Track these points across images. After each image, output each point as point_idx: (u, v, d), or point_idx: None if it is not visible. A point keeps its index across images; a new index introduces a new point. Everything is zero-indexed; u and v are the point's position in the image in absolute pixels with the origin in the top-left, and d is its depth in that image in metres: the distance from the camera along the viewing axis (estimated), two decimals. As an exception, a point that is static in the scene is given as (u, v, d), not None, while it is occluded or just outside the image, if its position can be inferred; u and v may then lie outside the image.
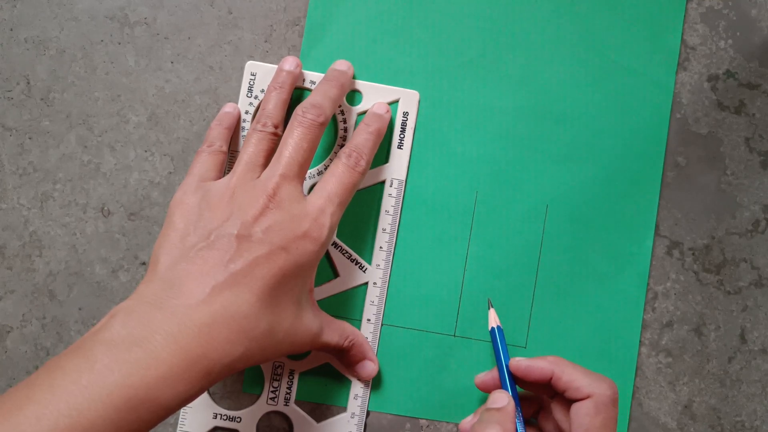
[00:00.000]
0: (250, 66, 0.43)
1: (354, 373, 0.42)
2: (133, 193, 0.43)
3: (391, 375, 0.42)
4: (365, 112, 0.42)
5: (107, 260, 0.43)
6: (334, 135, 0.43)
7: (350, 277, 0.42)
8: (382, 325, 0.42)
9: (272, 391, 0.42)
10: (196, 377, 0.32)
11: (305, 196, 0.37)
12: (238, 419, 0.42)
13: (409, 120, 0.43)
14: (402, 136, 0.43)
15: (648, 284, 0.43)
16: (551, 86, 0.43)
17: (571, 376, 0.36)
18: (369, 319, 0.42)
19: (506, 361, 0.39)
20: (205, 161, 0.39)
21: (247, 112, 0.42)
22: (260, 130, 0.39)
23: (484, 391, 0.41)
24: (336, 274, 0.43)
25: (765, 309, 0.43)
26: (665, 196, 0.43)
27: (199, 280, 0.33)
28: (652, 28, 0.43)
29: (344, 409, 0.42)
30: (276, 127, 0.39)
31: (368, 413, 0.42)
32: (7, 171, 0.43)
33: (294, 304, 0.36)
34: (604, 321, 0.43)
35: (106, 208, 0.43)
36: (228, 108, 0.42)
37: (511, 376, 0.39)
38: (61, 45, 0.43)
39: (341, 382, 0.42)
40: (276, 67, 0.42)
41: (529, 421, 0.40)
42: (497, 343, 0.40)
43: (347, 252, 0.42)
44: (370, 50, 0.43)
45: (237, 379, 0.43)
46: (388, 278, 0.43)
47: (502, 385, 0.39)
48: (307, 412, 0.42)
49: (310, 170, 0.42)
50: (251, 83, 0.43)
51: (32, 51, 0.43)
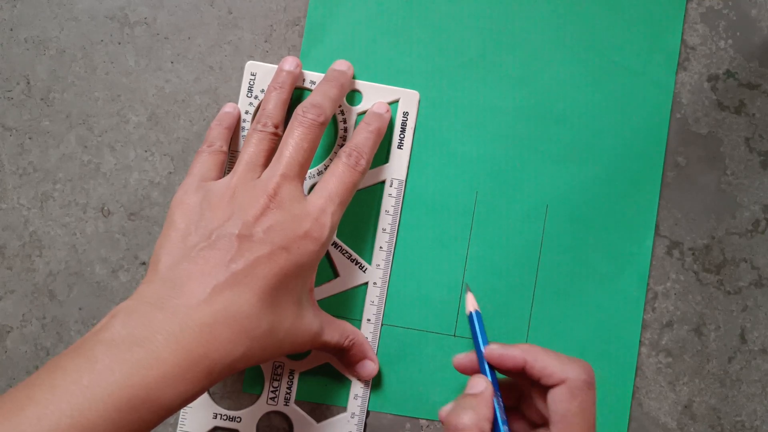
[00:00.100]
0: (250, 66, 0.43)
1: (354, 372, 0.42)
2: (133, 193, 0.43)
3: (391, 375, 0.42)
4: (365, 112, 0.42)
5: (107, 260, 0.43)
6: (334, 135, 0.43)
7: (350, 277, 0.42)
8: (382, 325, 0.42)
9: (272, 391, 0.42)
10: (197, 377, 0.32)
11: (306, 196, 0.37)
12: (238, 419, 0.42)
13: (409, 120, 0.43)
14: (402, 136, 0.43)
15: (648, 284, 0.43)
16: (551, 86, 0.43)
17: (543, 362, 0.35)
18: (369, 319, 0.42)
19: (484, 347, 0.37)
20: (206, 161, 0.39)
21: (247, 112, 0.42)
22: (260, 130, 0.39)
23: (462, 373, 0.39)
24: (336, 274, 0.43)
25: (765, 309, 0.43)
26: (665, 196, 0.43)
27: (200, 280, 0.33)
28: (652, 28, 0.43)
29: (344, 409, 0.42)
30: (276, 127, 0.39)
31: (368, 413, 0.42)
32: (7, 171, 0.43)
33: (295, 303, 0.36)
34: (604, 321, 0.43)
35: (106, 208, 0.43)
36: (228, 108, 0.42)
37: None
38: (61, 45, 0.43)
39: (341, 382, 0.42)
40: (276, 67, 0.42)
41: (513, 408, 0.39)
42: (475, 328, 0.39)
43: (347, 252, 0.42)
44: (370, 50, 0.43)
45: (237, 379, 0.43)
46: (388, 278, 0.43)
47: (481, 371, 0.37)
48: (307, 412, 0.42)
49: (310, 170, 0.42)
50: (251, 83, 0.43)
51: (32, 51, 0.43)
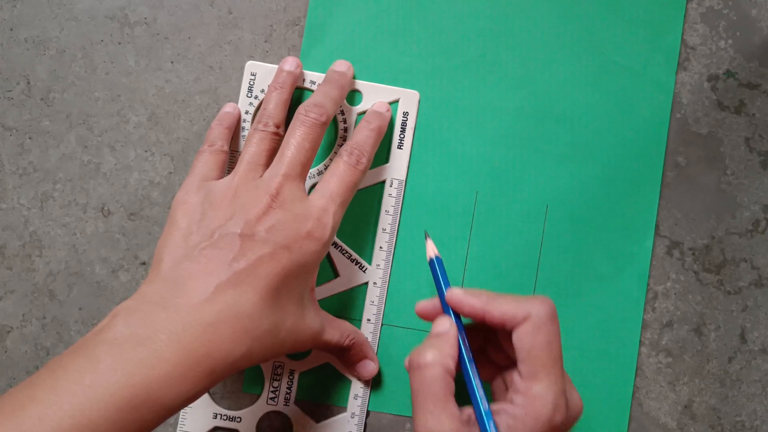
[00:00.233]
0: (250, 66, 0.43)
1: (354, 372, 0.42)
2: (133, 193, 0.43)
3: (391, 375, 0.42)
4: (365, 112, 0.42)
5: (107, 260, 0.43)
6: (334, 135, 0.43)
7: (350, 277, 0.42)
8: (382, 325, 0.42)
9: (272, 391, 0.42)
10: (199, 377, 0.32)
11: (307, 195, 0.37)
12: (238, 419, 0.42)
13: (409, 120, 0.43)
14: (402, 136, 0.43)
15: (648, 284, 0.43)
16: (551, 86, 0.43)
17: (502, 307, 0.34)
18: (369, 319, 0.42)
19: (446, 290, 0.37)
20: (207, 161, 0.39)
21: (247, 112, 0.42)
22: (262, 130, 0.38)
23: (425, 320, 0.38)
24: (336, 274, 0.43)
25: (765, 309, 0.43)
26: (665, 196, 0.43)
27: (202, 279, 0.33)
28: (652, 28, 0.43)
29: (344, 409, 0.42)
30: (278, 126, 0.39)
31: (368, 413, 0.42)
32: (7, 171, 0.43)
33: (296, 303, 0.36)
34: (604, 321, 0.43)
35: (106, 208, 0.43)
36: (228, 108, 0.42)
37: None
38: (61, 45, 0.43)
39: (341, 382, 0.42)
40: (276, 67, 0.42)
41: (479, 352, 0.38)
42: (437, 273, 0.38)
43: (347, 252, 0.42)
44: (370, 50, 0.43)
45: (237, 379, 0.42)
46: (388, 278, 0.43)
47: (445, 314, 0.37)
48: (307, 412, 0.42)
49: (310, 170, 0.42)
50: (251, 83, 0.43)
51: (32, 51, 0.43)
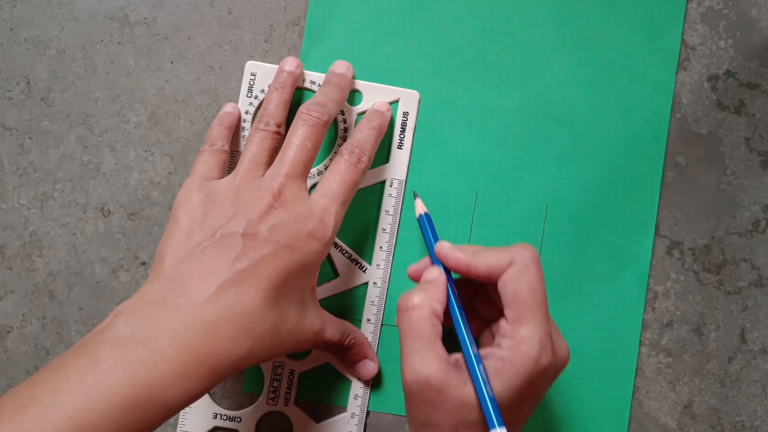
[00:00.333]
0: (250, 66, 0.43)
1: (354, 372, 0.42)
2: (133, 193, 0.43)
3: (391, 375, 0.42)
4: (365, 112, 0.42)
5: (107, 260, 0.43)
6: (333, 135, 0.43)
7: (350, 277, 0.42)
8: (382, 325, 0.42)
9: (272, 391, 0.42)
10: (201, 376, 0.32)
11: (309, 195, 0.37)
12: (238, 419, 0.42)
13: (409, 120, 0.43)
14: (402, 136, 0.43)
15: (648, 284, 0.43)
16: (551, 86, 0.43)
17: (486, 259, 0.35)
18: (369, 319, 0.42)
19: (435, 243, 0.38)
20: (208, 160, 0.39)
21: (247, 113, 0.42)
22: (263, 129, 0.38)
23: (416, 282, 0.38)
24: (336, 274, 0.43)
25: (765, 309, 0.43)
26: (665, 196, 0.43)
27: (204, 279, 0.33)
28: (652, 28, 0.43)
29: (344, 409, 0.42)
30: (279, 126, 0.39)
31: (368, 413, 0.42)
32: (7, 171, 0.43)
33: (298, 302, 0.36)
34: (604, 321, 0.43)
35: (106, 208, 0.43)
36: (228, 108, 0.42)
37: None
38: (61, 45, 0.43)
39: (341, 382, 0.42)
40: (276, 67, 0.42)
41: (468, 306, 0.39)
42: (426, 229, 0.39)
43: (347, 252, 0.42)
44: (370, 50, 0.43)
45: (237, 379, 0.42)
46: (388, 278, 0.43)
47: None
48: (307, 412, 0.42)
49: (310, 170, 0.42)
50: (251, 83, 0.42)
51: (32, 51, 0.43)
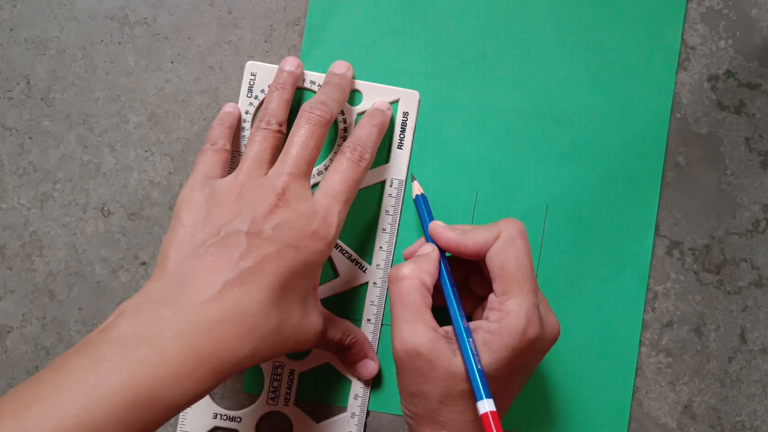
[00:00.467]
0: (250, 66, 0.43)
1: (355, 372, 0.42)
2: (133, 193, 0.43)
3: (392, 375, 0.42)
4: (365, 112, 0.42)
5: (107, 260, 0.43)
6: (333, 135, 0.43)
7: (350, 277, 0.42)
8: (382, 325, 0.42)
9: (272, 391, 0.42)
10: (204, 376, 0.31)
11: (312, 194, 0.37)
12: (238, 419, 0.42)
13: (409, 120, 0.43)
14: (402, 136, 0.43)
15: (648, 284, 0.43)
16: (551, 86, 0.43)
17: (473, 237, 0.36)
18: (369, 319, 0.42)
19: (430, 222, 0.39)
20: (210, 159, 0.39)
21: (247, 113, 0.42)
22: (264, 128, 0.38)
23: None
24: (336, 274, 0.43)
25: (765, 309, 0.43)
26: (665, 196, 0.43)
27: (208, 277, 0.33)
28: (652, 28, 0.43)
29: (344, 409, 0.42)
30: (280, 125, 0.39)
31: (368, 413, 0.42)
32: (7, 171, 0.43)
33: (300, 302, 0.36)
34: (604, 321, 0.43)
35: (106, 208, 0.43)
36: (229, 108, 0.42)
37: None
38: (61, 45, 0.43)
39: (341, 382, 0.42)
40: (276, 67, 0.42)
41: (462, 285, 0.40)
42: (422, 209, 0.40)
43: (347, 252, 0.42)
44: (370, 50, 0.43)
45: (237, 379, 0.42)
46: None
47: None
48: (307, 412, 0.42)
49: (310, 170, 0.42)
50: (251, 83, 0.42)
51: (32, 51, 0.43)
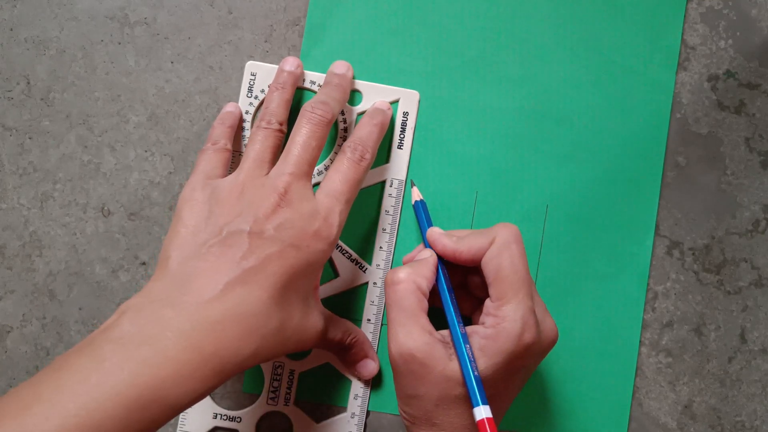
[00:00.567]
0: (250, 66, 0.43)
1: (355, 371, 0.42)
2: (133, 193, 0.43)
3: (392, 375, 0.42)
4: (365, 112, 0.42)
5: (107, 260, 0.43)
6: (334, 135, 0.43)
7: (350, 277, 0.42)
8: (382, 325, 0.42)
9: (272, 391, 0.42)
10: (207, 375, 0.31)
11: (314, 194, 0.37)
12: (238, 419, 0.42)
13: (409, 120, 0.43)
14: (402, 136, 0.43)
15: (648, 284, 0.43)
16: (551, 86, 0.43)
17: (468, 244, 0.37)
18: (369, 319, 0.42)
19: (428, 229, 0.39)
20: (211, 159, 0.39)
21: (247, 113, 0.42)
22: (265, 127, 0.38)
23: None
24: (336, 274, 0.43)
25: (765, 309, 0.43)
26: (665, 196, 0.43)
27: (211, 277, 0.33)
28: (652, 28, 0.43)
29: (344, 409, 0.42)
30: (281, 124, 0.39)
31: (368, 413, 0.42)
32: (7, 171, 0.43)
33: (302, 301, 0.36)
34: (604, 321, 0.43)
35: (106, 208, 0.43)
36: (230, 107, 0.42)
37: None
38: (61, 45, 0.43)
39: (341, 382, 0.42)
40: (276, 67, 0.42)
41: (460, 287, 0.40)
42: (421, 214, 0.41)
43: (347, 252, 0.42)
44: (370, 50, 0.43)
45: (237, 379, 0.42)
46: (388, 278, 0.43)
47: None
48: (307, 412, 0.42)
49: (310, 170, 0.42)
50: (251, 83, 0.42)
51: (32, 51, 0.43)
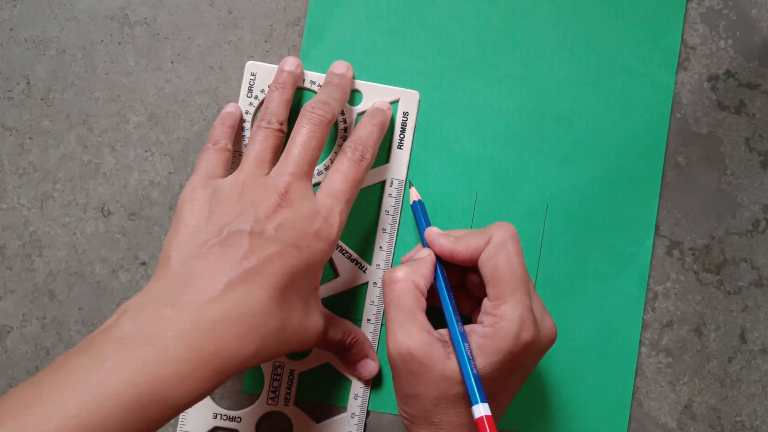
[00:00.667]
0: (250, 66, 0.43)
1: (355, 371, 0.42)
2: (133, 193, 0.43)
3: (392, 375, 0.42)
4: (365, 112, 0.42)
5: (107, 260, 0.43)
6: (334, 135, 0.43)
7: (350, 277, 0.42)
8: (382, 325, 0.42)
9: (272, 391, 0.42)
10: (207, 375, 0.31)
11: (314, 194, 0.37)
12: (238, 419, 0.42)
13: (409, 120, 0.43)
14: (402, 136, 0.43)
15: (648, 284, 0.43)
16: (551, 86, 0.43)
17: (467, 243, 0.37)
18: (369, 319, 0.42)
19: (426, 228, 0.40)
20: (212, 158, 0.39)
21: (247, 113, 0.42)
22: (265, 127, 0.38)
23: None
24: (336, 274, 0.43)
25: (765, 309, 0.43)
26: (665, 196, 0.43)
27: (211, 277, 0.33)
28: (652, 28, 0.43)
29: (344, 409, 0.42)
30: (281, 124, 0.39)
31: (368, 413, 0.42)
32: (7, 171, 0.43)
33: (303, 301, 0.36)
34: (604, 321, 0.43)
35: (106, 208, 0.43)
36: (230, 108, 0.42)
37: None
38: (61, 45, 0.43)
39: (341, 382, 0.42)
40: (276, 67, 0.42)
41: (459, 286, 0.40)
42: (419, 215, 0.41)
43: (347, 252, 0.42)
44: (370, 50, 0.43)
45: (237, 379, 0.42)
46: (388, 278, 0.42)
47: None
48: (307, 412, 0.42)
49: (310, 170, 0.42)
50: (251, 83, 0.42)
51: (32, 51, 0.43)
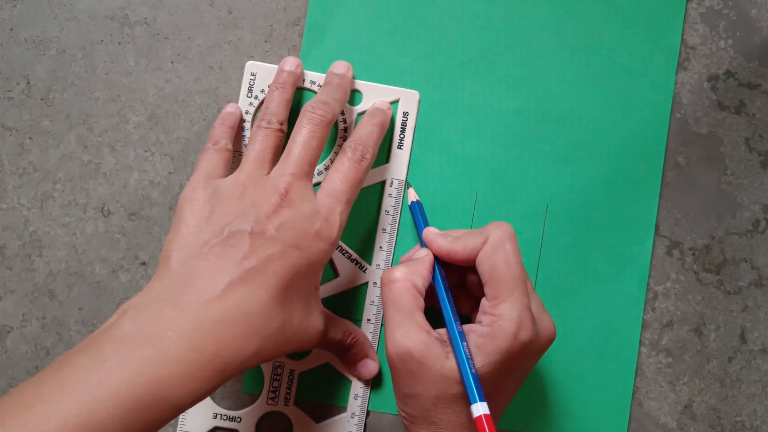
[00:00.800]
0: (250, 66, 0.43)
1: (355, 371, 0.42)
2: (133, 193, 0.43)
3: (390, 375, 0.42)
4: (365, 112, 0.42)
5: (107, 260, 0.43)
6: (334, 135, 0.43)
7: (350, 277, 0.42)
8: (382, 325, 0.42)
9: (272, 391, 0.42)
10: (208, 375, 0.31)
11: (315, 194, 0.37)
12: (238, 419, 0.42)
13: (409, 120, 0.43)
14: (402, 136, 0.43)
15: (648, 284, 0.43)
16: (551, 86, 0.43)
17: (465, 243, 0.37)
18: (369, 319, 0.42)
19: (424, 228, 0.40)
20: (212, 158, 0.39)
21: (247, 113, 0.42)
22: (266, 127, 0.38)
23: None
24: (336, 274, 0.43)
25: (765, 309, 0.43)
26: (665, 196, 0.43)
27: (212, 277, 0.33)
28: (652, 28, 0.43)
29: (344, 409, 0.42)
30: (281, 123, 0.39)
31: (368, 413, 0.42)
32: (7, 171, 0.43)
33: (303, 301, 0.36)
34: (604, 321, 0.43)
35: (106, 208, 0.43)
36: (230, 108, 0.42)
37: None
38: (61, 45, 0.43)
39: (341, 382, 0.42)
40: (276, 67, 0.42)
41: (458, 286, 0.40)
42: (417, 215, 0.41)
43: (347, 252, 0.42)
44: (370, 50, 0.43)
45: (237, 379, 0.42)
46: (388, 278, 0.42)
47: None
48: (307, 412, 0.42)
49: (310, 170, 0.42)
50: (251, 83, 0.43)
51: (32, 51, 0.43)
